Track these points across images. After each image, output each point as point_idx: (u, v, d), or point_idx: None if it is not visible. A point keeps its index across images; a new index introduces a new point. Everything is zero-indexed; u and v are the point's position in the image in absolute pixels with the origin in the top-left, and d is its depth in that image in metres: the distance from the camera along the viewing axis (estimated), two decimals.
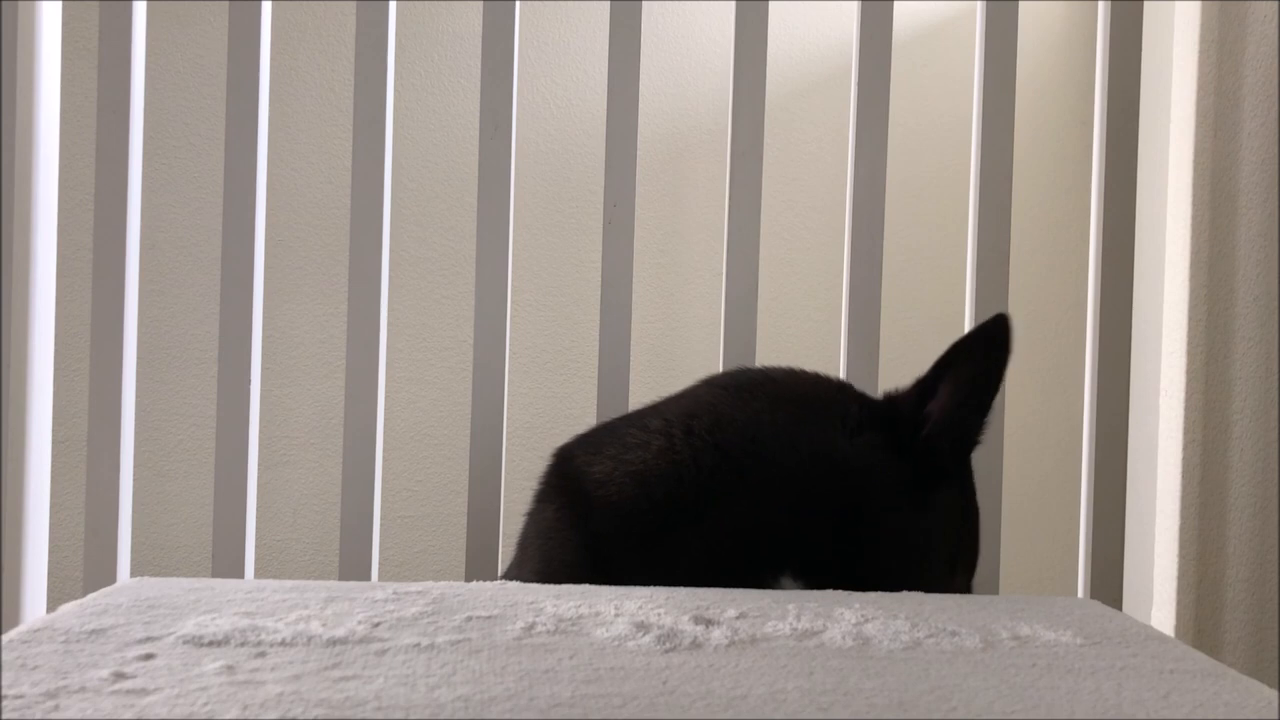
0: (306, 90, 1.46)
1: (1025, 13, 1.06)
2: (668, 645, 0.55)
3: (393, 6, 1.05)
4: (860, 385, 1.06)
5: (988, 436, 1.04)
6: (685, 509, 0.70)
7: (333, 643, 0.54)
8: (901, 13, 1.07)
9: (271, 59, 1.07)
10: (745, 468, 0.71)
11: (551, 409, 0.82)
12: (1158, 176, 1.10)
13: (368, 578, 1.04)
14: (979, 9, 1.06)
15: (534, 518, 0.80)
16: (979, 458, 1.05)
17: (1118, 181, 1.06)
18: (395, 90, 1.07)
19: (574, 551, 0.73)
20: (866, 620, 0.61)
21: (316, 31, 1.46)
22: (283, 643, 0.53)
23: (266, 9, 1.04)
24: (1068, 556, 1.11)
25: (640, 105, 1.06)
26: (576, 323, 1.37)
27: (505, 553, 1.07)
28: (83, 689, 0.46)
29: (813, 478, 0.70)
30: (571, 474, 0.77)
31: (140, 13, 1.04)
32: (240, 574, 1.03)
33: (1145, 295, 1.10)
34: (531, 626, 0.58)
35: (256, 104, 1.04)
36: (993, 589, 1.04)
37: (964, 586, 0.76)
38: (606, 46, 1.06)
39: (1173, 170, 1.06)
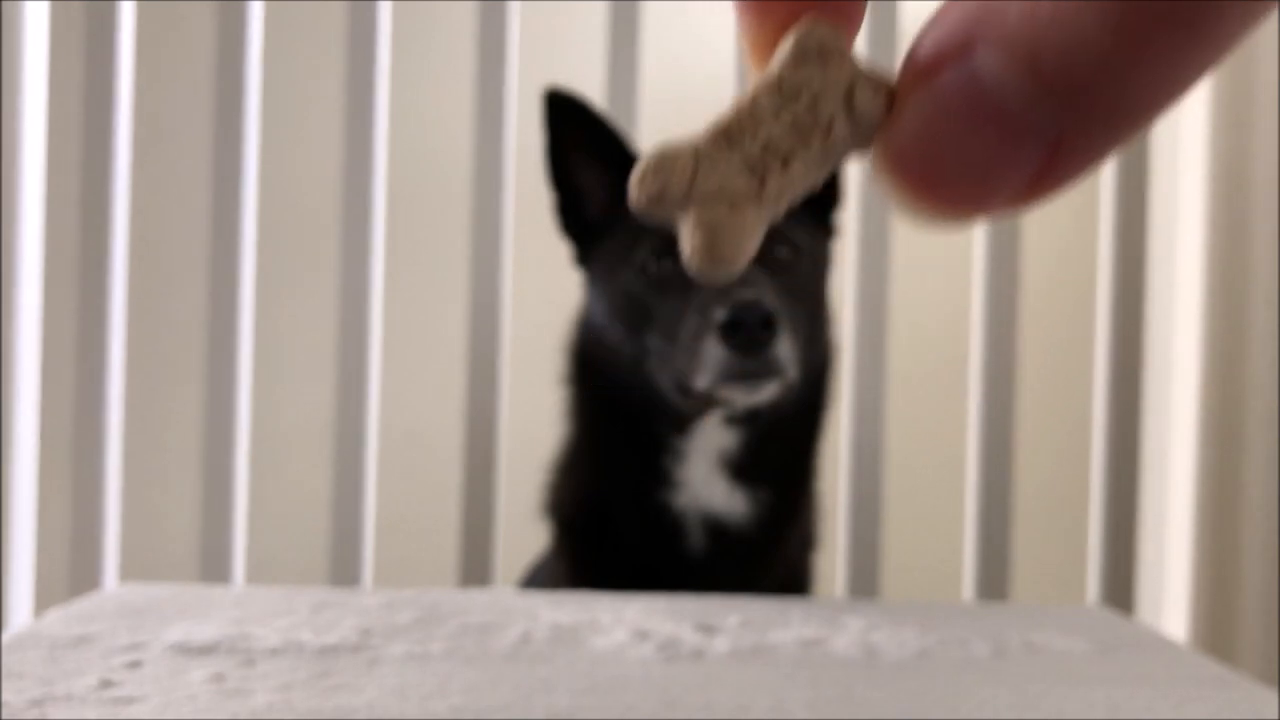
0: (298, 88, 1.45)
1: None
2: (668, 654, 0.54)
3: (386, 4, 1.04)
4: (867, 384, 1.05)
5: (994, 437, 1.03)
6: None
7: (323, 651, 0.53)
8: (903, 13, 1.08)
9: (263, 56, 1.06)
10: None
11: (549, 410, 0.81)
12: (1169, 169, 1.09)
13: (359, 584, 1.04)
14: None
15: None
16: (983, 457, 1.05)
17: (1129, 175, 1.04)
18: (388, 89, 1.06)
19: None
20: (873, 628, 0.60)
21: (309, 28, 1.45)
22: (272, 651, 0.52)
23: (258, 6, 1.04)
24: (1079, 562, 1.10)
25: (639, 105, 1.05)
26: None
27: (503, 556, 1.06)
28: (69, 697, 0.45)
29: None
30: None
31: (128, 12, 1.03)
32: (229, 580, 1.03)
33: (1158, 290, 1.09)
34: (527, 635, 0.57)
35: (245, 102, 1.03)
36: (1003, 596, 1.03)
37: None
38: (606, 46, 1.05)
39: (1184, 162, 1.05)
